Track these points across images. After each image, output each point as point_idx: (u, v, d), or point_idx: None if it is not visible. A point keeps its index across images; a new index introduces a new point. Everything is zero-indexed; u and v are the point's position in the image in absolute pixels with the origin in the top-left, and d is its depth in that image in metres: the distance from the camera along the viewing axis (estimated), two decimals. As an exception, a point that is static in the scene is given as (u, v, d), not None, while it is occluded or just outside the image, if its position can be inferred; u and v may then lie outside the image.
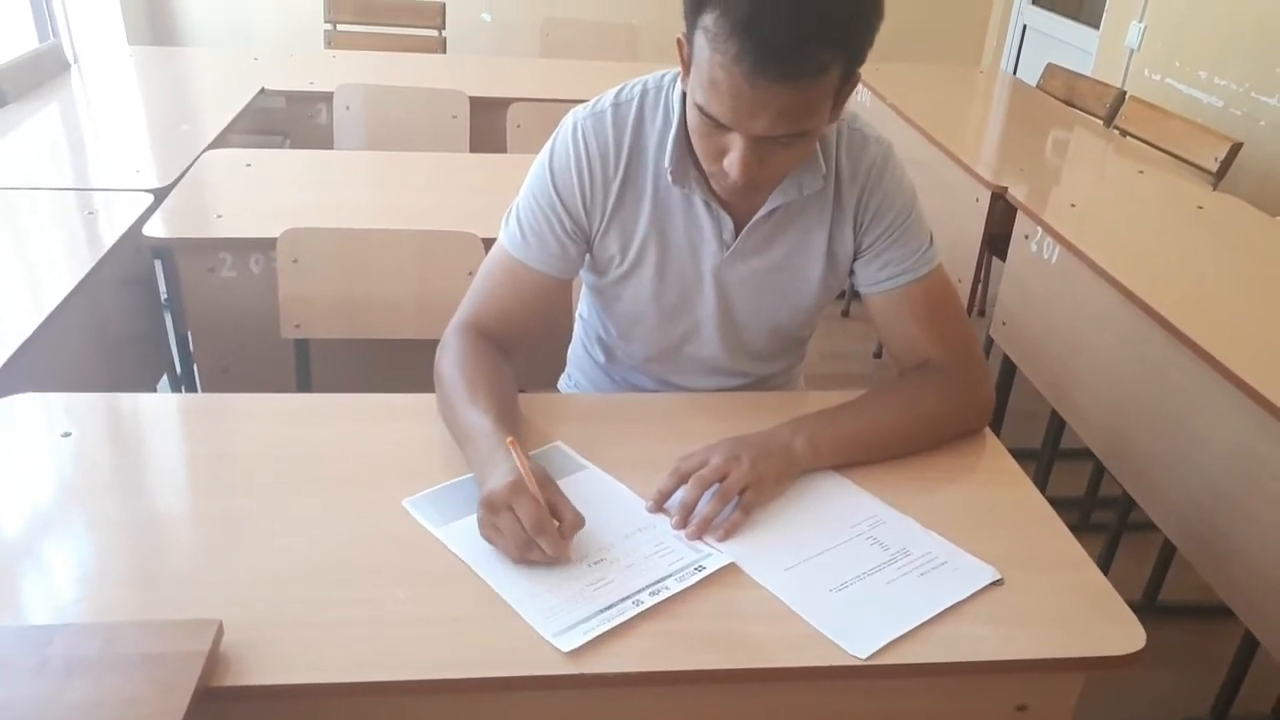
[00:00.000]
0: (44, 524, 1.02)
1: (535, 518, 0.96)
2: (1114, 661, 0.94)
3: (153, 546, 1.01)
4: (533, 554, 0.97)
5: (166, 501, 1.08)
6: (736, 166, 1.06)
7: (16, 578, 0.95)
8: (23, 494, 1.07)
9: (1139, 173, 2.48)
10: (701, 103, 1.04)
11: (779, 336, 1.36)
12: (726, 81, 0.99)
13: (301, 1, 4.23)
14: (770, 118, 1.01)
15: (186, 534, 1.03)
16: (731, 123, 1.03)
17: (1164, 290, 1.74)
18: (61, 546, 1.00)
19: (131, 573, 0.97)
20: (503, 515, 0.97)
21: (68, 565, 0.97)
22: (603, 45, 3.81)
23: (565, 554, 0.98)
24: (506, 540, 0.97)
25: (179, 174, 2.07)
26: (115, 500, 1.07)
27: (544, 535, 0.96)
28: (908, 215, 1.25)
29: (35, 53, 2.78)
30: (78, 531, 1.02)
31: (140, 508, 1.06)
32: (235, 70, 3.01)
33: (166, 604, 0.93)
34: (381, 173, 2.24)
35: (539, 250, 1.25)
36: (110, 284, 1.78)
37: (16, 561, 0.97)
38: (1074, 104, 3.06)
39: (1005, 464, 1.24)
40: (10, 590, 0.94)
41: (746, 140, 1.04)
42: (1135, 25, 3.64)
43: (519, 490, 0.98)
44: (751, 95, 0.99)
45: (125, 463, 1.14)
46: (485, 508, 0.99)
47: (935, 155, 2.58)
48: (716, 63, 0.99)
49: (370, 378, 1.92)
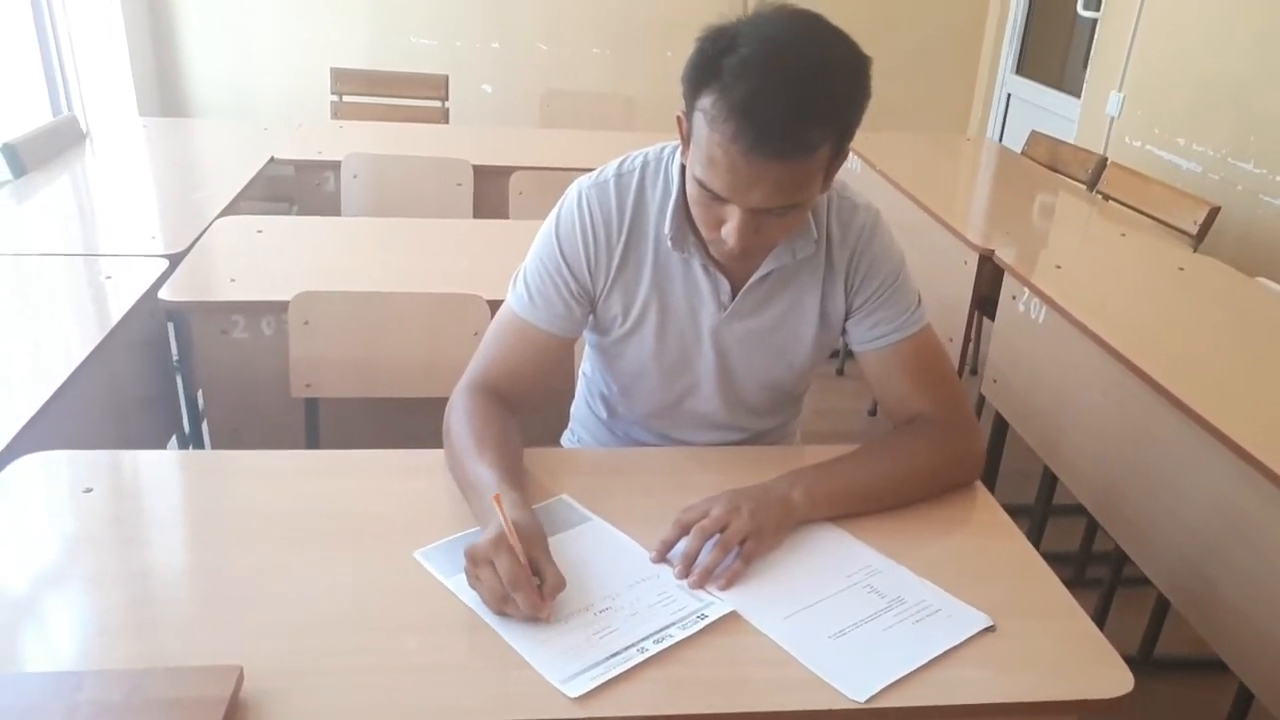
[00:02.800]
0: (69, 575, 1.06)
1: (512, 574, 0.99)
2: (1103, 705, 0.98)
3: (170, 597, 1.05)
4: (508, 608, 1.00)
5: (186, 554, 1.12)
6: (734, 236, 1.12)
7: (45, 626, 0.99)
8: (47, 547, 1.10)
9: (1121, 235, 2.56)
10: (701, 177, 1.10)
11: (775, 393, 1.41)
12: (724, 159, 1.06)
13: (308, 74, 4.35)
14: (765, 191, 1.08)
15: (207, 585, 1.07)
16: (729, 196, 1.10)
17: (1147, 348, 1.79)
18: (86, 597, 1.03)
19: (150, 621, 1.00)
20: (483, 568, 1.01)
21: (93, 614, 1.01)
22: (600, 116, 3.93)
23: (541, 612, 1.00)
24: (485, 592, 1.01)
25: (192, 240, 2.14)
26: (136, 553, 1.10)
27: (519, 591, 0.99)
28: (896, 277, 1.32)
29: (52, 124, 2.87)
30: (101, 582, 1.05)
31: (161, 560, 1.10)
32: (245, 140, 3.10)
33: (189, 652, 0.96)
34: (388, 238, 2.31)
35: (545, 311, 1.30)
36: (125, 347, 1.83)
37: (45, 611, 1.01)
38: (1058, 169, 3.16)
39: (996, 516, 1.28)
40: (39, 638, 0.97)
41: (743, 211, 1.11)
42: (1115, 94, 3.77)
43: (501, 545, 1.01)
44: (748, 171, 1.06)
45: (145, 517, 1.18)
46: (468, 559, 1.02)
47: (924, 220, 2.67)
48: (715, 141, 1.06)
49: (378, 435, 1.96)
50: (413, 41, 4.66)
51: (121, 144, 3.06)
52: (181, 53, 4.58)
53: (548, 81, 4.43)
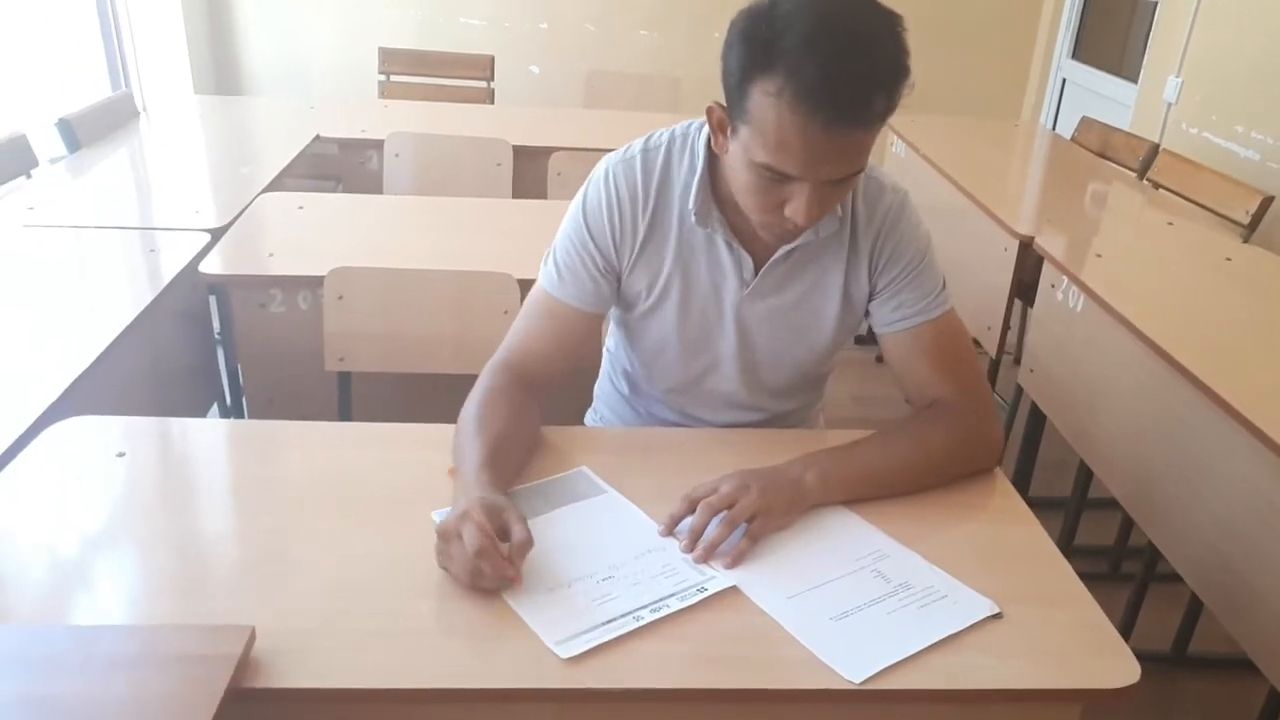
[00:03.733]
0: (95, 535, 1.10)
1: (476, 542, 1.00)
2: (1107, 694, 0.96)
3: (194, 558, 1.08)
4: (479, 579, 1.01)
5: (208, 518, 1.15)
6: (803, 212, 1.12)
7: (69, 583, 1.03)
8: (77, 508, 1.15)
9: (1168, 224, 2.50)
10: (770, 161, 1.09)
11: (796, 374, 1.41)
12: (800, 138, 1.05)
13: (358, 53, 4.41)
14: (836, 162, 1.09)
15: (226, 548, 1.10)
16: (802, 173, 1.09)
17: (1185, 339, 1.75)
18: (110, 556, 1.07)
19: (173, 582, 1.04)
20: (453, 543, 1.02)
21: (116, 573, 1.05)
22: (645, 97, 3.93)
23: (508, 574, 1.01)
24: (455, 566, 1.02)
25: (235, 215, 2.19)
26: (161, 516, 1.14)
27: (484, 559, 0.99)
28: (921, 259, 1.31)
29: (106, 101, 2.95)
30: (125, 543, 1.09)
31: (184, 523, 1.14)
32: (292, 118, 3.16)
33: (204, 612, 1.00)
34: (426, 216, 2.34)
35: (574, 287, 1.32)
36: (167, 317, 1.89)
37: (69, 568, 1.05)
38: (1108, 156, 3.09)
39: (1013, 504, 1.26)
40: (62, 594, 1.01)
41: (813, 186, 1.10)
42: (1173, 80, 3.67)
43: (465, 519, 1.02)
44: (826, 145, 1.06)
45: (172, 482, 1.22)
46: (439, 537, 1.04)
47: (966, 205, 2.62)
48: (788, 123, 1.04)
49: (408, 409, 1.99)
50: (462, 22, 4.69)
51: (173, 121, 3.14)
52: (237, 32, 4.66)
53: (594, 63, 4.44)
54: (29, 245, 1.98)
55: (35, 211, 2.17)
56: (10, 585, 1.01)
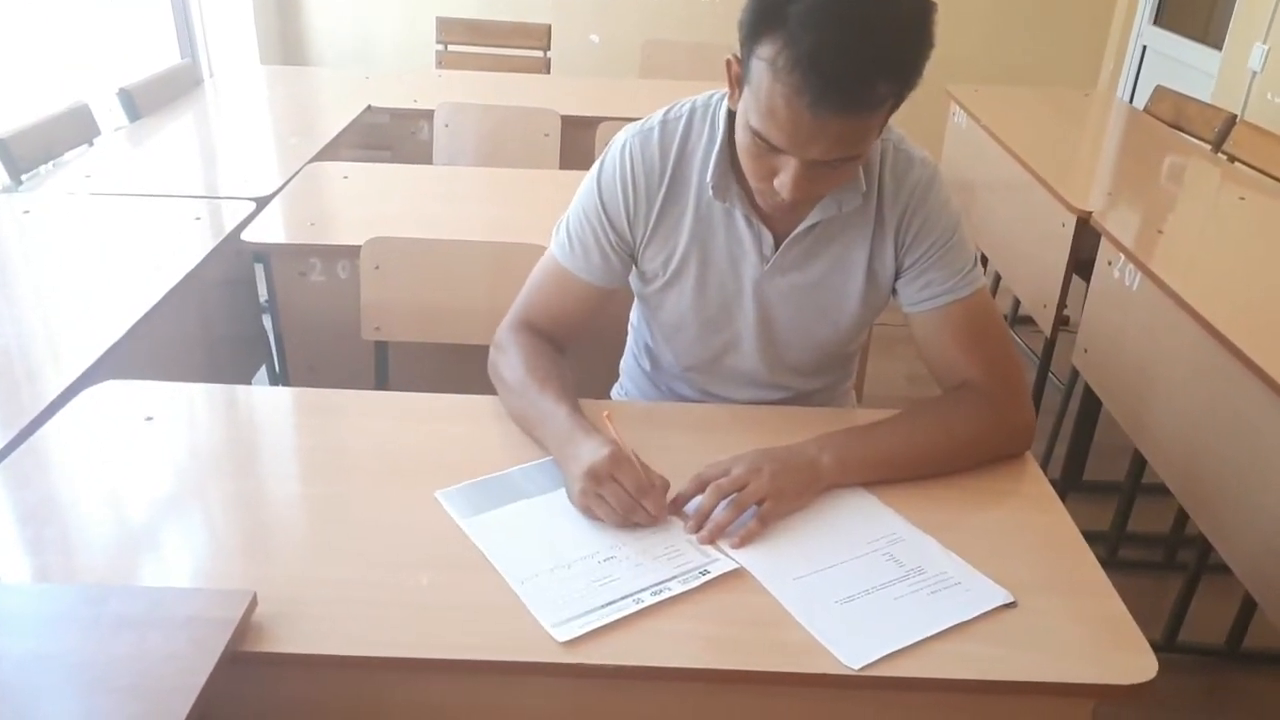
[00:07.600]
0: (111, 498, 1.13)
1: (638, 483, 1.07)
2: (1121, 691, 0.93)
3: (209, 523, 1.10)
4: (637, 516, 1.07)
5: (226, 482, 1.17)
6: (788, 188, 1.09)
7: (84, 543, 1.06)
8: (100, 471, 1.18)
9: (1240, 199, 2.37)
10: (759, 128, 1.06)
11: (819, 352, 1.38)
12: (786, 111, 1.02)
13: (421, 23, 4.42)
14: (826, 144, 1.04)
15: (240, 513, 1.12)
16: (788, 148, 1.06)
17: (1248, 325, 1.66)
18: (123, 518, 1.10)
19: (182, 545, 1.07)
20: (607, 484, 1.07)
21: (126, 535, 1.07)
22: (701, 66, 3.85)
23: (665, 513, 1.09)
24: (609, 507, 1.07)
25: (281, 184, 2.22)
26: (181, 479, 1.17)
27: (648, 497, 1.07)
28: (950, 236, 1.26)
29: (167, 71, 3.01)
30: (144, 506, 1.12)
31: (200, 486, 1.16)
32: (348, 88, 3.18)
33: (211, 575, 1.02)
34: (469, 186, 2.34)
35: (584, 260, 1.30)
36: (212, 284, 1.93)
37: (83, 529, 1.08)
38: (1182, 128, 2.95)
39: (1041, 489, 1.22)
40: (74, 553, 1.04)
41: (800, 163, 1.07)
42: (1259, 46, 3.48)
43: (619, 460, 1.08)
44: (811, 124, 1.02)
45: (195, 446, 1.24)
46: (589, 479, 1.07)
47: (1025, 178, 2.53)
48: (778, 92, 1.01)
49: (444, 379, 2.01)
50: (525, -9, 4.67)
51: (233, 90, 3.19)
52: (303, 4, 4.71)
53: (655, 32, 4.38)
54: (83, 212, 2.03)
55: (91, 180, 2.23)
56: (31, 546, 1.05)
